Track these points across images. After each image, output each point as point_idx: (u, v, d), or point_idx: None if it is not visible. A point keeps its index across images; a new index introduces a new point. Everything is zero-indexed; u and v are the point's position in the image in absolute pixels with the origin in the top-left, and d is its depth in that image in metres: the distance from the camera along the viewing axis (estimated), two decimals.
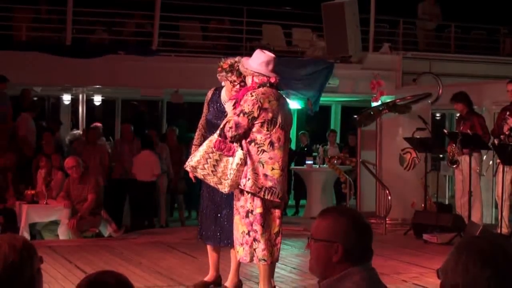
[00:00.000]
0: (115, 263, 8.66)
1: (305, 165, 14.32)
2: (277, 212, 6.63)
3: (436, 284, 2.40)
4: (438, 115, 17.68)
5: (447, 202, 13.44)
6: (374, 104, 13.69)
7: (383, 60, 15.00)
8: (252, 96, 6.46)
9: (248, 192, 6.50)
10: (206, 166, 6.57)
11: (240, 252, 6.63)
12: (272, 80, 6.60)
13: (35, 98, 15.34)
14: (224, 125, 6.51)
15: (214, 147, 6.56)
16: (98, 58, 13.88)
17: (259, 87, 6.54)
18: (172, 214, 15.28)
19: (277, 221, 6.62)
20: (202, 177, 6.68)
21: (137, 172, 13.17)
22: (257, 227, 6.52)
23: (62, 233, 10.90)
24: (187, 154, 14.62)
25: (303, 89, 14.26)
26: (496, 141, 10.60)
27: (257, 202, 6.50)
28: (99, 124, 14.71)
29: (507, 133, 10.41)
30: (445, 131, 11.31)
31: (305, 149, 16.23)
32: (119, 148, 13.75)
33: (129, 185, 13.34)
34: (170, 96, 15.41)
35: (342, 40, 14.37)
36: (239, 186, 6.52)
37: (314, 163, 14.35)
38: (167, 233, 11.86)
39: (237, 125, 6.41)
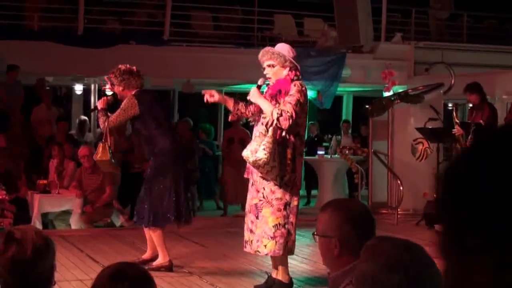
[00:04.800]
0: (126, 252, 8.69)
1: (316, 155, 14.29)
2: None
3: None
4: (450, 105, 17.62)
5: None
6: (386, 94, 13.65)
7: (395, 50, 14.94)
8: (302, 87, 6.59)
9: (287, 185, 6.52)
10: (273, 162, 6.44)
11: (269, 246, 6.56)
12: (299, 74, 6.78)
13: (47, 88, 15.39)
14: (272, 113, 6.42)
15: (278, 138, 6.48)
16: (110, 48, 13.87)
17: (297, 79, 6.65)
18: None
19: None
20: (265, 172, 6.47)
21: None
22: (293, 219, 6.61)
23: (74, 222, 10.93)
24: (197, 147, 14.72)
25: (314, 79, 14.23)
26: None
27: (295, 194, 6.63)
28: None
29: None
30: (456, 120, 11.23)
31: (315, 139, 16.19)
32: (134, 139, 13.70)
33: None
34: (181, 86, 15.41)
35: (354, 29, 14.33)
36: (283, 179, 6.52)
37: (326, 153, 14.32)
38: None
39: (295, 115, 6.44)
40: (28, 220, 10.39)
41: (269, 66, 6.73)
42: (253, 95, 6.65)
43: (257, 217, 6.64)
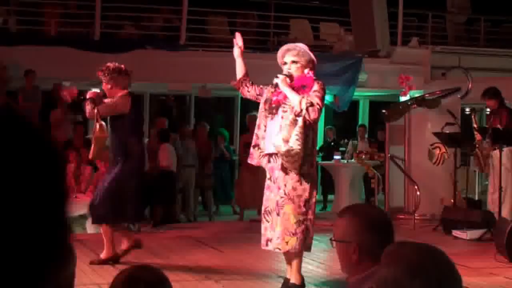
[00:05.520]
0: (143, 256, 8.69)
1: (333, 160, 14.26)
2: None
3: (466, 279, 2.35)
4: (467, 109, 17.54)
5: (477, 198, 13.32)
6: (402, 98, 13.60)
7: (412, 54, 14.89)
8: (324, 87, 6.74)
9: (307, 180, 6.59)
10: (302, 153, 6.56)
11: (290, 242, 6.60)
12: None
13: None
14: (301, 102, 6.49)
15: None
16: (126, 53, 13.91)
17: (316, 79, 6.74)
18: (206, 208, 15.22)
19: None
20: (291, 162, 6.54)
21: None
22: (312, 215, 6.69)
23: (91, 227, 10.95)
24: (215, 150, 14.74)
25: (330, 84, 14.20)
26: None
27: (314, 191, 6.71)
28: None
29: None
30: (475, 126, 11.19)
31: (332, 143, 16.16)
32: (152, 142, 13.73)
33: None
34: (197, 90, 15.43)
35: (370, 34, 14.30)
36: (304, 171, 6.59)
37: (342, 158, 14.29)
38: (195, 228, 11.89)
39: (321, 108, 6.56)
40: None
41: (293, 62, 6.76)
42: (282, 82, 6.66)
43: (278, 214, 6.64)
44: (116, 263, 8.09)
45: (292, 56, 6.79)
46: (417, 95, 13.04)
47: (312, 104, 6.47)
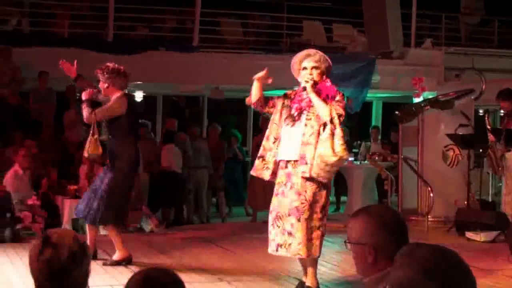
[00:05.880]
0: (156, 258, 8.71)
1: (346, 162, 14.20)
2: None
3: (479, 281, 2.33)
4: (481, 111, 17.47)
5: (490, 200, 13.26)
6: (416, 100, 13.56)
7: (425, 56, 14.86)
8: (343, 97, 6.83)
9: (325, 188, 6.71)
10: None
11: (310, 248, 6.64)
12: None
13: (77, 94, 15.51)
14: (331, 111, 6.59)
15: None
16: (139, 55, 13.95)
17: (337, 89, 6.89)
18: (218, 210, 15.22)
19: None
20: (332, 171, 6.72)
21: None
22: (325, 221, 6.77)
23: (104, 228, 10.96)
24: (228, 151, 14.74)
25: (343, 86, 14.18)
26: None
27: (328, 196, 6.80)
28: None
29: None
30: (488, 127, 11.13)
31: None
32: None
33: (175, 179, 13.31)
34: (210, 92, 15.45)
35: (383, 35, 14.27)
36: (323, 182, 6.68)
37: (355, 160, 14.26)
38: (207, 229, 11.89)
39: None
40: (58, 226, 10.46)
41: (314, 68, 6.78)
42: (311, 89, 6.68)
43: (298, 220, 6.64)
44: (129, 264, 8.11)
45: (313, 62, 6.80)
46: (430, 96, 12.99)
47: (339, 115, 6.57)
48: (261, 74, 6.86)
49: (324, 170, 6.57)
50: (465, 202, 11.31)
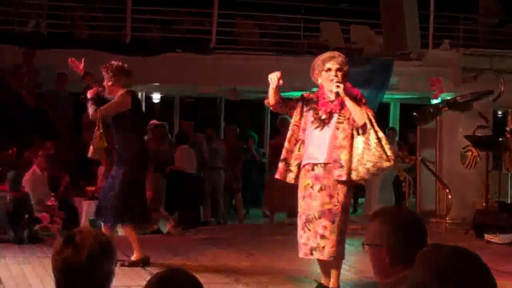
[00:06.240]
0: (173, 259, 8.72)
1: None
2: None
3: (498, 283, 2.31)
4: (500, 112, 17.37)
5: (509, 201, 13.18)
6: (433, 101, 13.51)
7: (443, 57, 14.79)
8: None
9: (352, 190, 6.89)
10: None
11: (341, 250, 6.73)
12: None
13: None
14: (368, 115, 6.75)
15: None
16: (156, 56, 13.98)
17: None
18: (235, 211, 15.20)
19: None
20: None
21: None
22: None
23: (122, 229, 10.99)
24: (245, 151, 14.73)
25: (360, 87, 14.13)
26: None
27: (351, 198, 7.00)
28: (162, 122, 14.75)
29: None
30: (508, 128, 11.08)
31: None
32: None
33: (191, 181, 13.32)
34: (227, 93, 15.46)
35: (401, 36, 14.23)
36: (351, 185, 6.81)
37: None
38: (224, 230, 11.89)
39: None
40: (76, 227, 10.49)
41: (338, 69, 6.80)
42: (343, 93, 6.72)
43: (333, 222, 6.67)
44: (146, 265, 8.12)
45: (337, 64, 6.82)
46: (448, 97, 12.93)
47: (373, 117, 6.76)
48: (275, 76, 6.81)
49: (373, 174, 6.76)
50: (484, 204, 11.25)
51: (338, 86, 6.69)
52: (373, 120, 6.69)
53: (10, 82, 12.83)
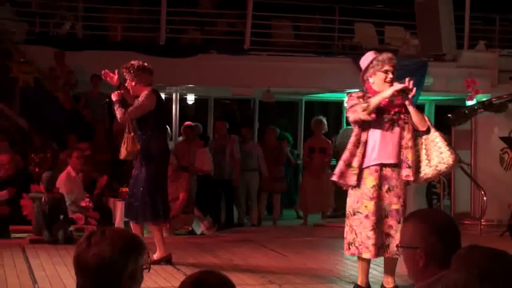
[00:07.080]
0: (206, 260, 8.75)
1: None
2: None
3: None
4: None
5: None
6: (468, 103, 13.39)
7: (479, 58, 14.64)
8: None
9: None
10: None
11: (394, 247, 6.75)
12: None
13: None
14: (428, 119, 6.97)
15: None
16: (191, 58, 14.03)
17: None
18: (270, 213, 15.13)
19: None
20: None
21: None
22: None
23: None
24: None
25: None
26: None
27: None
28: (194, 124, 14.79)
29: None
30: None
31: None
32: (214, 146, 13.76)
33: (224, 182, 13.33)
34: (261, 95, 15.45)
35: (436, 38, 14.11)
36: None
37: None
38: (258, 231, 11.91)
39: None
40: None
41: (392, 72, 6.83)
42: (407, 97, 6.86)
43: (399, 222, 6.71)
44: (168, 264, 8.14)
45: (392, 66, 6.86)
46: (483, 99, 12.82)
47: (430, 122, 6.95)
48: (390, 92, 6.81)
49: (441, 173, 6.97)
50: None
51: (407, 92, 6.78)
52: (432, 124, 6.93)
53: (46, 83, 12.97)
